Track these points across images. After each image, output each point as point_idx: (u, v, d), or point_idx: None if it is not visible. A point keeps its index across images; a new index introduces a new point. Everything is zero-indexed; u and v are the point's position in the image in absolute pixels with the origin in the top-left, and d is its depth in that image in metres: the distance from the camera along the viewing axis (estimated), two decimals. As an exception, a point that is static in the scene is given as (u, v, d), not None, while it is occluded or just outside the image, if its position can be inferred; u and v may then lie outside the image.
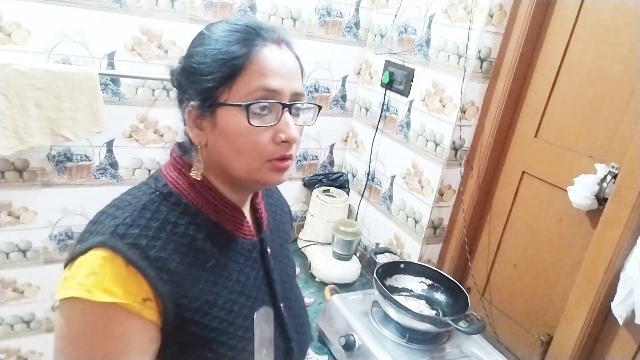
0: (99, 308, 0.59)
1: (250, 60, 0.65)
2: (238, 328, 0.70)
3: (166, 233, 0.65)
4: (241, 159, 0.68)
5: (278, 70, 0.67)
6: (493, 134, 1.42)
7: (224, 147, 0.68)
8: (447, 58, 1.46)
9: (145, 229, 0.64)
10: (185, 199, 0.70)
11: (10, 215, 1.45)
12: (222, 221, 0.72)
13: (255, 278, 0.76)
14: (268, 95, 0.66)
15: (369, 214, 1.84)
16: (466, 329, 1.18)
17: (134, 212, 0.66)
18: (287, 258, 0.88)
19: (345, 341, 1.22)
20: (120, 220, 0.64)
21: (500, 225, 1.46)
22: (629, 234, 1.06)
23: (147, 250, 0.62)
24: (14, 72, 1.24)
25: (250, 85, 0.65)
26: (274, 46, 0.68)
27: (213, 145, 0.69)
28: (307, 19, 1.68)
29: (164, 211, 0.67)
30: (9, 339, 1.58)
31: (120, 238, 0.62)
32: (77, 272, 0.61)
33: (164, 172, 0.73)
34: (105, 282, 0.59)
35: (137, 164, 1.58)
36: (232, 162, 0.68)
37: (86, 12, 1.36)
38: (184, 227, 0.68)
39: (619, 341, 1.12)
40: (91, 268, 0.60)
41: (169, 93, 1.54)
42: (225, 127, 0.67)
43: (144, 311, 0.61)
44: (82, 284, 0.59)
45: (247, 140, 0.66)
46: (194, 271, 0.67)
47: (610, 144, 1.16)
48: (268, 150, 0.67)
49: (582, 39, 1.24)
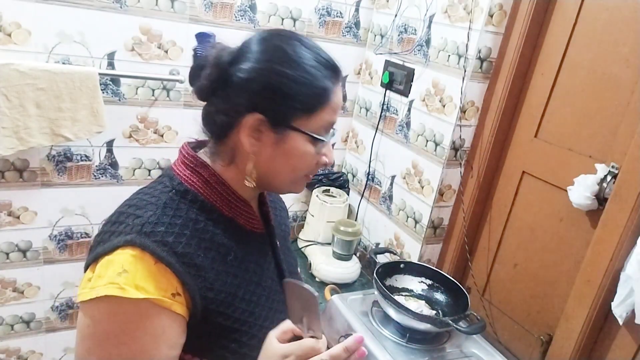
0: (132, 304, 0.61)
1: (331, 98, 0.72)
2: (258, 317, 0.74)
3: (189, 229, 0.68)
4: (292, 175, 0.75)
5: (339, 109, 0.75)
6: (493, 134, 1.42)
7: (281, 164, 0.73)
8: (447, 58, 1.46)
9: (170, 227, 0.66)
10: (201, 196, 0.72)
11: (10, 215, 1.46)
12: (235, 216, 0.75)
13: (268, 269, 0.80)
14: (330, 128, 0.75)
15: (369, 214, 1.84)
16: (466, 329, 1.18)
17: (157, 210, 0.68)
18: (289, 251, 0.93)
19: (345, 341, 1.22)
20: (145, 219, 0.66)
21: (500, 225, 1.46)
22: (629, 234, 1.06)
23: (174, 246, 0.65)
24: (14, 72, 1.24)
25: (324, 120, 0.72)
26: (339, 85, 0.74)
27: (268, 157, 0.72)
28: (307, 19, 1.68)
29: (184, 209, 0.70)
30: (9, 339, 1.58)
31: (148, 236, 0.64)
32: (106, 272, 0.62)
33: (176, 170, 0.74)
34: (137, 279, 0.62)
35: (137, 164, 1.58)
36: (282, 176, 0.75)
37: (86, 12, 1.36)
38: (204, 224, 0.71)
39: (619, 341, 1.12)
40: (122, 266, 0.62)
41: (169, 93, 1.54)
42: (291, 148, 0.71)
43: (174, 306, 0.64)
44: (114, 282, 0.61)
45: (305, 163, 0.74)
46: (217, 265, 0.70)
47: (610, 144, 1.16)
48: (312, 169, 0.76)
49: (582, 39, 1.24)
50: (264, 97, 0.69)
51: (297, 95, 0.69)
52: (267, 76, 0.69)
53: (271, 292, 0.79)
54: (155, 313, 0.63)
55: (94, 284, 0.63)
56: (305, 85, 0.69)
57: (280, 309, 0.80)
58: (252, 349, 0.72)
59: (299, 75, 0.69)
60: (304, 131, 0.70)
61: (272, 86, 0.69)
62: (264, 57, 0.69)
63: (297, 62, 0.69)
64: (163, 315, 0.63)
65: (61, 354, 1.68)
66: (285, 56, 0.70)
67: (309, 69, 0.69)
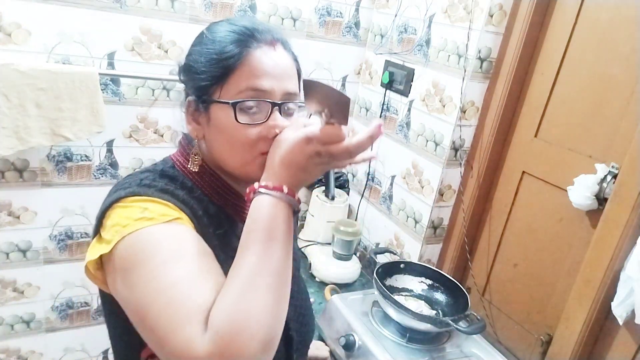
0: (164, 227, 0.63)
1: (242, 61, 0.69)
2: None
3: (185, 192, 0.70)
4: (234, 152, 0.71)
5: (269, 71, 0.69)
6: (493, 134, 1.42)
7: (218, 141, 0.72)
8: (447, 58, 1.46)
9: (168, 185, 0.70)
10: (190, 181, 0.74)
11: (10, 215, 1.45)
12: (224, 205, 0.76)
13: None
14: (257, 94, 0.69)
15: (369, 214, 1.84)
16: (466, 329, 1.18)
17: (155, 175, 0.71)
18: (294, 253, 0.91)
19: (345, 341, 1.22)
20: (143, 177, 0.70)
21: (500, 225, 1.46)
22: (629, 234, 1.06)
23: (175, 194, 0.68)
24: (14, 72, 1.24)
25: (240, 85, 0.69)
26: (267, 47, 0.71)
27: (209, 139, 0.73)
28: (307, 19, 1.68)
29: (180, 178, 0.73)
30: (9, 339, 1.58)
31: (148, 187, 0.67)
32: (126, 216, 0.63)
33: (173, 157, 0.77)
34: (158, 211, 0.64)
35: (137, 164, 1.58)
36: (225, 155, 0.72)
37: (86, 12, 1.36)
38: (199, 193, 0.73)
39: (619, 341, 1.12)
40: (140, 206, 0.64)
41: (169, 93, 1.54)
42: (217, 122, 0.71)
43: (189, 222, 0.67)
44: (141, 218, 0.62)
45: (237, 135, 0.69)
46: (211, 230, 0.71)
47: (610, 144, 1.16)
48: (259, 146, 0.70)
49: (582, 39, 1.24)
50: (185, 79, 0.74)
51: (202, 66, 0.70)
52: (184, 59, 0.74)
53: None
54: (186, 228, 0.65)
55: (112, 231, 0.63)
56: (206, 55, 0.70)
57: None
58: None
59: (202, 49, 0.71)
60: (220, 101, 0.69)
61: (186, 66, 0.73)
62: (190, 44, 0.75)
63: (204, 37, 0.73)
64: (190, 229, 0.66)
65: (61, 354, 1.68)
66: (198, 37, 0.74)
67: (212, 39, 0.71)
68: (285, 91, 0.71)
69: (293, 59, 0.75)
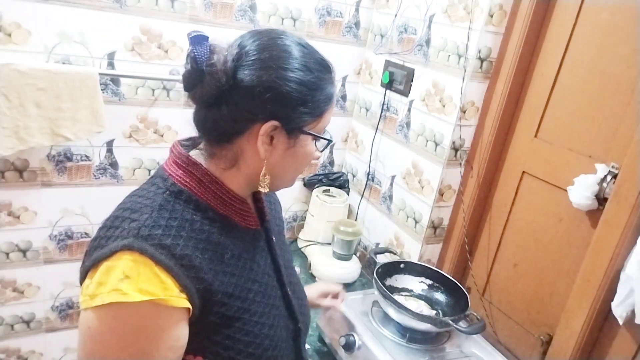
0: (135, 308, 0.61)
1: (334, 100, 0.77)
2: (253, 314, 0.74)
3: (186, 230, 0.68)
4: (295, 174, 0.79)
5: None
6: (493, 134, 1.42)
7: (289, 165, 0.76)
8: (447, 58, 1.46)
9: (167, 229, 0.66)
10: (195, 195, 0.72)
11: (10, 215, 1.45)
12: (230, 214, 0.75)
13: (264, 265, 0.81)
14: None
15: (369, 214, 1.84)
16: (466, 329, 1.18)
17: (152, 212, 0.67)
18: (285, 244, 0.95)
19: (345, 341, 1.22)
20: (142, 222, 0.65)
21: (500, 225, 1.46)
22: (629, 234, 1.06)
23: (172, 249, 0.64)
24: (14, 72, 1.24)
25: (327, 121, 0.77)
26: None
27: (276, 161, 0.74)
28: (307, 19, 1.68)
29: (179, 209, 0.69)
30: (9, 339, 1.58)
31: (146, 240, 0.63)
32: (107, 278, 0.62)
33: (168, 170, 0.73)
34: (140, 283, 0.61)
35: (137, 164, 1.58)
36: (286, 176, 0.78)
37: (86, 12, 1.36)
38: (200, 223, 0.70)
39: (619, 341, 1.12)
40: (123, 272, 0.61)
41: (169, 93, 1.54)
42: (302, 150, 0.75)
43: (180, 301, 0.64)
44: (118, 289, 0.61)
45: (308, 162, 0.78)
46: (214, 265, 0.70)
47: (610, 144, 1.16)
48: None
49: (582, 39, 1.24)
50: (279, 105, 0.69)
51: (309, 101, 0.71)
52: (279, 83, 0.68)
53: (267, 288, 0.79)
54: (157, 314, 0.63)
55: (95, 291, 0.62)
56: (316, 91, 0.72)
57: (276, 304, 0.81)
58: (247, 345, 0.73)
59: (309, 81, 0.71)
60: (315, 134, 0.74)
61: (286, 93, 0.69)
62: (271, 63, 0.69)
63: (305, 66, 0.71)
64: (166, 315, 0.63)
65: (61, 354, 1.68)
66: (292, 60, 0.70)
67: (316, 73, 0.72)
68: None
69: None
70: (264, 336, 0.75)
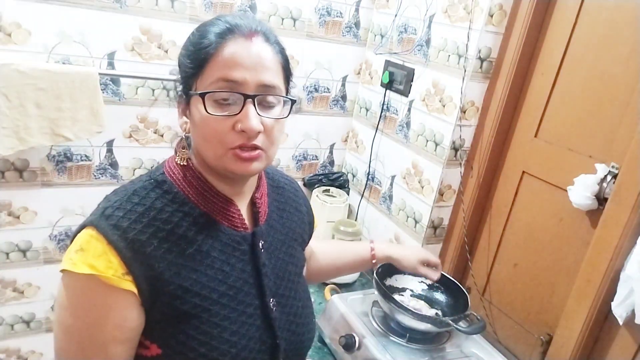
0: (83, 279, 0.65)
1: (216, 52, 0.68)
2: (213, 315, 0.72)
3: (149, 218, 0.70)
4: (207, 145, 0.71)
5: (241, 62, 0.68)
6: (493, 134, 1.42)
7: (195, 134, 0.73)
8: (447, 58, 1.46)
9: (130, 213, 0.69)
10: (176, 187, 0.74)
11: (10, 215, 1.45)
12: (211, 211, 0.75)
13: (242, 270, 0.77)
14: (229, 86, 0.68)
15: (369, 214, 1.84)
16: (466, 329, 1.18)
17: (124, 197, 0.71)
18: (289, 256, 0.88)
19: (345, 341, 1.22)
20: (111, 203, 0.71)
21: (500, 225, 1.46)
22: (629, 234, 1.06)
23: (127, 232, 0.67)
24: (14, 72, 1.24)
25: (212, 76, 0.68)
26: (243, 39, 0.70)
27: (191, 132, 0.75)
28: (307, 19, 1.68)
29: (152, 197, 0.72)
30: (9, 339, 1.58)
31: (106, 219, 0.68)
32: (70, 248, 0.68)
33: (167, 162, 0.78)
34: (89, 257, 0.66)
35: (137, 163, 1.58)
36: (201, 148, 0.73)
37: (86, 12, 1.36)
38: (169, 214, 0.72)
39: (619, 341, 1.12)
40: (80, 245, 0.67)
41: (169, 93, 1.54)
42: (193, 115, 0.72)
43: (122, 283, 0.66)
44: (71, 259, 0.66)
45: (208, 127, 0.69)
46: (172, 257, 0.70)
47: (610, 144, 1.16)
48: (229, 139, 0.69)
49: (582, 39, 1.24)
50: (178, 74, 0.75)
51: (184, 59, 0.72)
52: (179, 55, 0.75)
53: (239, 293, 0.76)
54: (102, 290, 0.66)
55: (64, 257, 0.68)
56: (187, 48, 0.72)
57: (248, 313, 0.76)
58: (201, 344, 0.71)
59: (187, 42, 0.73)
60: (193, 92, 0.71)
61: (178, 61, 0.75)
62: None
63: (193, 33, 0.74)
64: (110, 293, 0.66)
65: (61, 354, 1.68)
66: (189, 35, 0.75)
67: (198, 35, 0.72)
68: (260, 83, 0.69)
69: (276, 51, 0.73)
70: (222, 340, 0.72)
